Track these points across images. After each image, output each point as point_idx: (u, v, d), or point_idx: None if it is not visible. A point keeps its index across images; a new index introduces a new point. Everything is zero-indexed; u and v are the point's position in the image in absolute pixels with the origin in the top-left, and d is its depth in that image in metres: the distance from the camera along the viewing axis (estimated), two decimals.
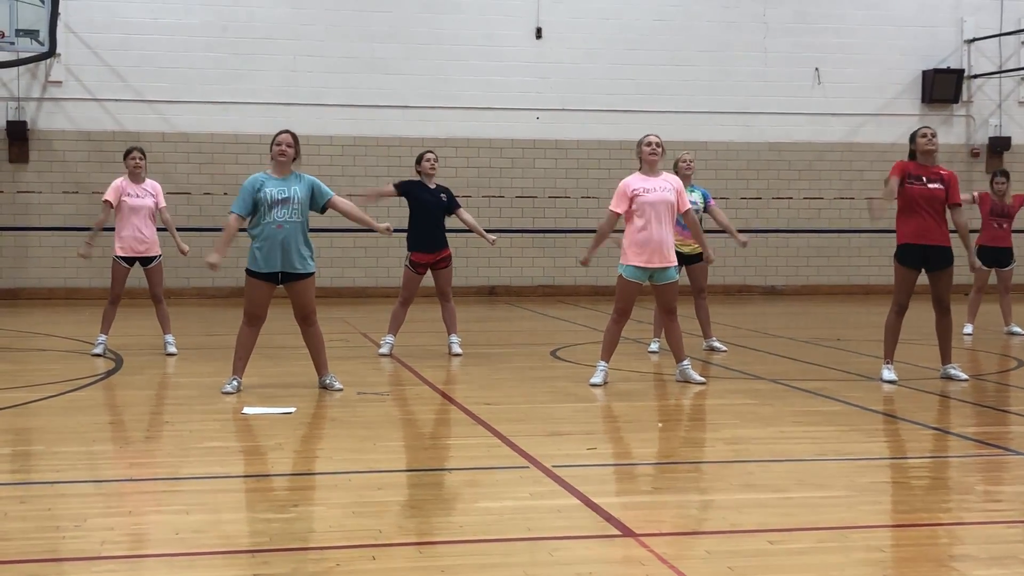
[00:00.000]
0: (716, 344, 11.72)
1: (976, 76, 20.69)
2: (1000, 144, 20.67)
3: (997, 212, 13.43)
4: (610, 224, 9.44)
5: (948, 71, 20.39)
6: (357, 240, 18.67)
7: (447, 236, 11.31)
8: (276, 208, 8.72)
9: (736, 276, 19.99)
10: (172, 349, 11.28)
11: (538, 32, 19.42)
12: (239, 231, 8.96)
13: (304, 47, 18.79)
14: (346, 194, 11.03)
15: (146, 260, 11.18)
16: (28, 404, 8.47)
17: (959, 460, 7.01)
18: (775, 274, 20.36)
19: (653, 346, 11.56)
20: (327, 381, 9.09)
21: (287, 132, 8.95)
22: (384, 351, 11.21)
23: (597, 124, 19.49)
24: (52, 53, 16.67)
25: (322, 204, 8.91)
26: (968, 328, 13.27)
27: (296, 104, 18.53)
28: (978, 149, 20.75)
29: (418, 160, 11.34)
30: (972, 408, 8.72)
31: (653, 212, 9.17)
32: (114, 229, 11.19)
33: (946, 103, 20.56)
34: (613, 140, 19.20)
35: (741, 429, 7.62)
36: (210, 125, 18.57)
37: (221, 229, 9.10)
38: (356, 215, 9.12)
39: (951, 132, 20.53)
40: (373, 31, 19.00)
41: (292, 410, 8.12)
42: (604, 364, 9.41)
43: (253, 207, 8.77)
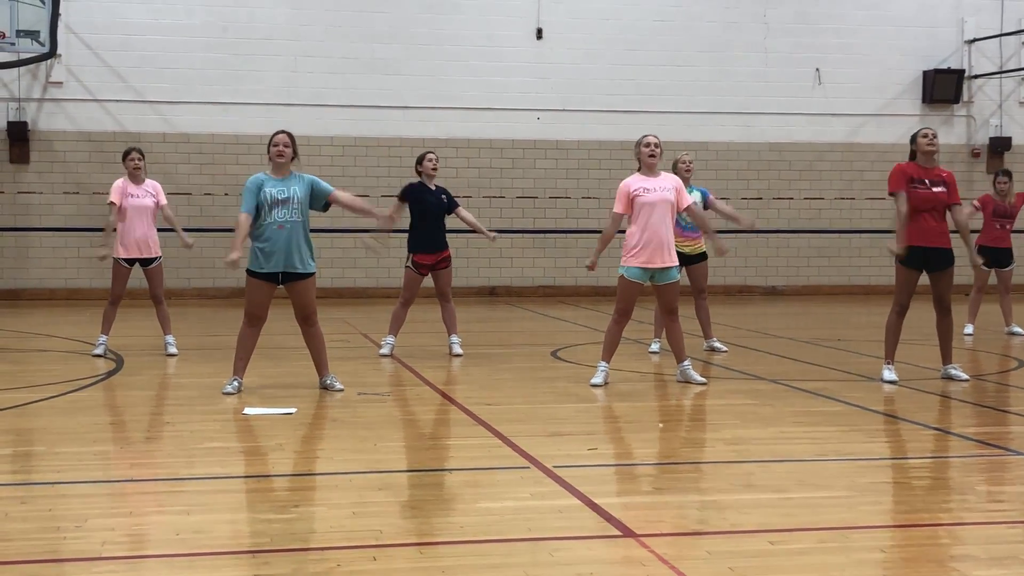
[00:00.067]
0: (717, 344, 11.71)
1: (977, 76, 20.69)
2: (1001, 144, 20.67)
3: (1000, 212, 13.43)
4: (614, 226, 9.43)
5: (949, 71, 20.39)
6: (358, 240, 18.65)
7: (447, 237, 11.34)
8: (276, 209, 8.72)
9: (737, 276, 19.99)
10: (173, 350, 11.28)
11: (538, 33, 19.43)
12: None
13: (304, 47, 18.80)
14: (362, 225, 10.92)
15: (146, 261, 11.19)
16: (29, 405, 8.47)
17: (960, 460, 7.01)
18: (776, 274, 20.36)
19: (654, 346, 11.57)
20: (328, 382, 9.09)
21: (284, 132, 8.95)
22: (385, 352, 11.21)
23: (598, 124, 19.50)
24: (53, 54, 16.69)
25: (324, 201, 8.92)
26: (969, 328, 13.27)
27: (296, 105, 18.54)
28: (979, 149, 20.75)
29: (419, 160, 11.35)
30: (973, 408, 8.71)
31: (653, 212, 9.17)
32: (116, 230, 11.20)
33: (947, 103, 20.56)
34: (614, 140, 19.19)
35: (742, 429, 7.61)
36: (211, 126, 18.57)
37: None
38: (359, 206, 9.19)
39: (952, 132, 20.53)
40: (373, 32, 19.00)
41: (293, 411, 8.12)
42: (605, 364, 9.41)
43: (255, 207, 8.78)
